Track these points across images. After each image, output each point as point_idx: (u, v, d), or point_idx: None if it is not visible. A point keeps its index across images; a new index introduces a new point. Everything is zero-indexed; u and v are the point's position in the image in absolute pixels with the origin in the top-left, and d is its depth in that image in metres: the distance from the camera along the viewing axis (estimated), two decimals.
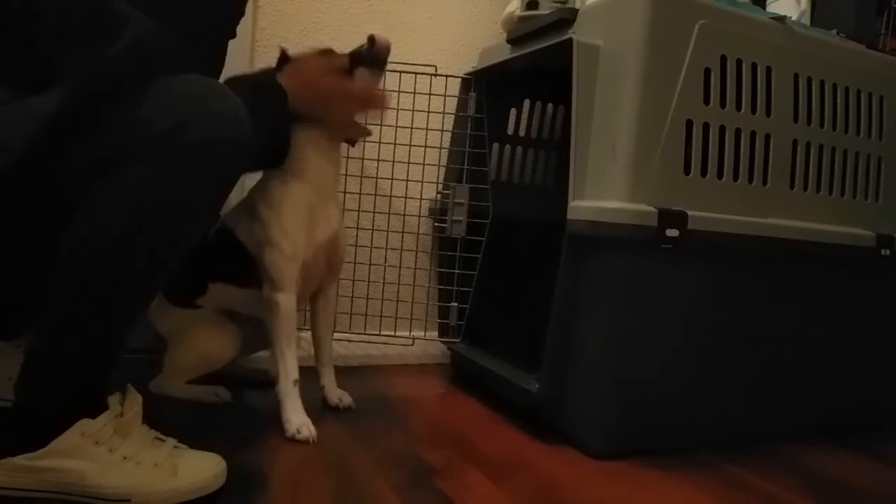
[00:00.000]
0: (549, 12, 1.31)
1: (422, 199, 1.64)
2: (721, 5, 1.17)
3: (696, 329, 1.18)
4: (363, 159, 1.60)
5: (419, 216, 1.67)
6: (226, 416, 1.19)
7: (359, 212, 1.58)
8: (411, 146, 1.60)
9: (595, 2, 1.22)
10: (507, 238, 1.56)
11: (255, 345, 1.33)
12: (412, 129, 1.59)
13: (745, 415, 1.26)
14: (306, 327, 1.31)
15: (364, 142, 1.57)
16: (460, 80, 1.61)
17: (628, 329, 1.12)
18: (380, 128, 1.57)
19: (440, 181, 1.66)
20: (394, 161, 1.59)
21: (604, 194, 1.12)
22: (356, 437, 1.12)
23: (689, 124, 1.14)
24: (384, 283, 1.63)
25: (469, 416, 1.31)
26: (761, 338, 1.26)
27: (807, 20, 1.44)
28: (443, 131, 1.62)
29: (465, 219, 1.54)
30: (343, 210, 1.33)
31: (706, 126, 1.15)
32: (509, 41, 1.44)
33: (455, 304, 1.56)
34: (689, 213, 1.10)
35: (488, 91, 1.58)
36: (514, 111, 1.64)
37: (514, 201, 1.60)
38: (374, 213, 1.60)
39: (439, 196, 1.64)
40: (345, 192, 1.56)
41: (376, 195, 1.61)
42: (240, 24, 1.03)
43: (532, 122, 1.66)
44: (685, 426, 1.20)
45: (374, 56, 1.14)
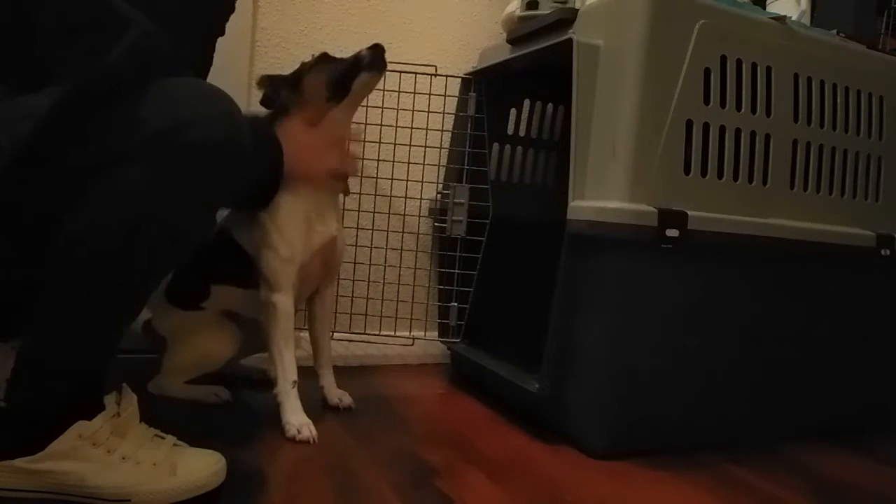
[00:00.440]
0: (549, 12, 1.31)
1: (422, 199, 1.64)
2: (721, 5, 1.17)
3: (696, 329, 1.18)
4: (363, 159, 1.60)
5: (419, 216, 1.67)
6: (225, 416, 1.19)
7: (359, 212, 1.58)
8: (411, 146, 1.60)
9: (595, 2, 1.22)
10: (507, 238, 1.56)
11: (255, 345, 1.33)
12: (412, 129, 1.59)
13: (745, 415, 1.26)
14: (305, 327, 1.31)
15: (364, 142, 1.57)
16: (460, 80, 1.61)
17: (628, 329, 1.12)
18: (380, 128, 1.57)
19: (440, 181, 1.66)
20: (394, 161, 1.59)
21: (604, 194, 1.12)
22: (356, 437, 1.12)
23: (689, 124, 1.14)
24: (384, 283, 1.62)
25: (469, 416, 1.31)
26: (761, 338, 1.26)
27: (807, 20, 1.44)
28: (443, 131, 1.62)
29: (465, 219, 1.54)
30: (342, 212, 1.33)
31: (706, 126, 1.15)
32: (509, 41, 1.44)
33: (455, 304, 1.56)
34: (689, 213, 1.10)
35: (488, 91, 1.58)
36: (514, 111, 1.64)
37: (514, 201, 1.60)
38: (374, 213, 1.60)
39: (439, 196, 1.64)
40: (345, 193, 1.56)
41: (376, 195, 1.61)
42: (240, 24, 1.04)
43: (532, 122, 1.66)
44: (685, 426, 1.20)
45: (374, 61, 1.14)
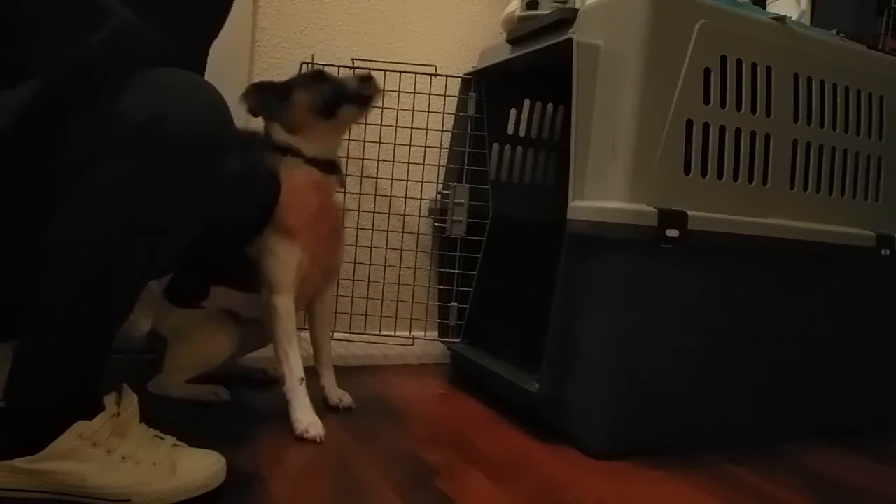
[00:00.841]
0: (549, 12, 1.31)
1: (422, 199, 1.64)
2: (721, 5, 1.17)
3: (696, 329, 1.18)
4: (363, 159, 1.60)
5: (419, 216, 1.67)
6: (225, 416, 1.19)
7: (359, 212, 1.58)
8: (411, 146, 1.60)
9: (595, 2, 1.22)
10: (507, 238, 1.56)
11: (255, 343, 1.33)
12: (412, 129, 1.59)
13: (745, 415, 1.26)
14: (305, 327, 1.31)
15: (364, 142, 1.57)
16: (460, 80, 1.61)
17: (628, 329, 1.12)
18: (380, 128, 1.57)
19: (440, 181, 1.66)
20: (394, 161, 1.59)
21: (604, 194, 1.12)
22: (356, 437, 1.12)
23: (689, 124, 1.14)
24: (384, 283, 1.62)
25: (469, 416, 1.31)
26: (761, 337, 1.26)
27: (807, 20, 1.44)
28: (443, 131, 1.62)
29: (465, 219, 1.54)
30: (343, 213, 1.33)
31: (706, 126, 1.15)
32: (509, 41, 1.44)
33: (455, 304, 1.56)
34: (689, 213, 1.10)
35: (488, 91, 1.58)
36: (514, 111, 1.64)
37: (514, 201, 1.60)
38: (374, 213, 1.60)
39: (439, 196, 1.64)
40: (345, 192, 1.56)
41: (376, 195, 1.61)
42: (240, 24, 1.03)
43: (532, 122, 1.66)
44: (685, 426, 1.20)
45: (361, 95, 1.14)
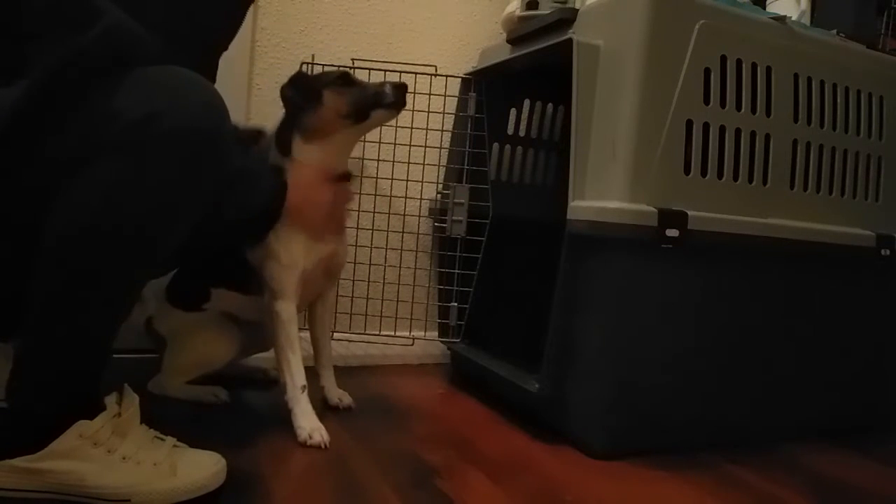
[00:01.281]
0: (549, 12, 1.31)
1: (422, 199, 1.64)
2: (721, 5, 1.17)
3: (696, 329, 1.18)
4: (363, 159, 1.60)
5: (419, 216, 1.67)
6: (225, 417, 1.19)
7: (359, 212, 1.58)
8: (411, 146, 1.60)
9: (595, 2, 1.22)
10: (507, 238, 1.56)
11: (256, 346, 1.33)
12: (412, 129, 1.59)
13: (745, 415, 1.26)
14: (305, 327, 1.31)
15: (364, 142, 1.57)
16: (460, 80, 1.61)
17: (628, 329, 1.12)
18: (380, 128, 1.57)
19: (440, 181, 1.66)
20: (394, 161, 1.59)
21: (604, 194, 1.12)
22: (356, 437, 1.12)
23: (689, 124, 1.14)
24: (384, 283, 1.62)
25: (469, 416, 1.31)
26: (761, 337, 1.26)
27: (807, 20, 1.44)
28: (443, 131, 1.62)
29: (465, 219, 1.54)
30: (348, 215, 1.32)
31: (706, 126, 1.15)
32: (509, 41, 1.44)
33: (455, 304, 1.56)
34: (689, 213, 1.10)
35: (488, 91, 1.58)
36: (514, 111, 1.64)
37: (514, 201, 1.60)
38: (374, 213, 1.60)
39: (439, 196, 1.64)
40: None
41: (376, 195, 1.61)
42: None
43: (532, 122, 1.66)
44: (685, 426, 1.20)
45: (395, 100, 1.12)
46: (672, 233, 1.09)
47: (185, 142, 0.74)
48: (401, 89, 1.12)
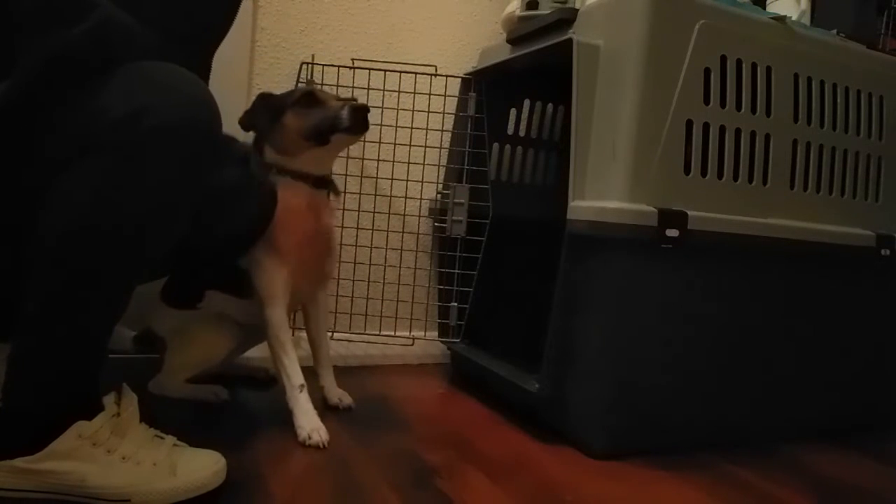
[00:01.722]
0: (549, 12, 1.31)
1: (422, 199, 1.64)
2: (721, 5, 1.17)
3: (696, 329, 1.18)
4: (363, 159, 1.60)
5: (419, 216, 1.67)
6: (225, 416, 1.19)
7: (359, 212, 1.58)
8: (411, 146, 1.60)
9: (595, 2, 1.22)
10: (507, 238, 1.56)
11: (253, 342, 1.33)
12: (412, 129, 1.59)
13: (745, 415, 1.26)
14: (300, 327, 1.30)
15: (364, 142, 1.57)
16: (460, 80, 1.61)
17: (628, 329, 1.12)
18: (380, 128, 1.57)
19: (440, 181, 1.66)
20: (394, 161, 1.59)
21: (604, 194, 1.12)
22: (356, 437, 1.12)
23: (689, 124, 1.14)
24: (384, 283, 1.62)
25: (469, 416, 1.31)
26: (761, 337, 1.26)
27: (807, 20, 1.44)
28: (443, 131, 1.62)
29: (465, 219, 1.54)
30: (334, 218, 1.31)
31: (706, 126, 1.15)
32: (509, 41, 1.44)
33: (455, 304, 1.56)
34: (689, 213, 1.10)
35: (488, 91, 1.58)
36: (514, 111, 1.64)
37: (514, 201, 1.60)
38: (374, 213, 1.59)
39: (439, 196, 1.64)
40: (345, 192, 1.56)
41: (376, 195, 1.61)
42: (240, 24, 1.03)
43: (532, 122, 1.66)
44: (685, 426, 1.20)
45: (354, 125, 1.11)
46: (672, 233, 1.09)
47: (175, 137, 0.73)
48: (359, 112, 1.10)
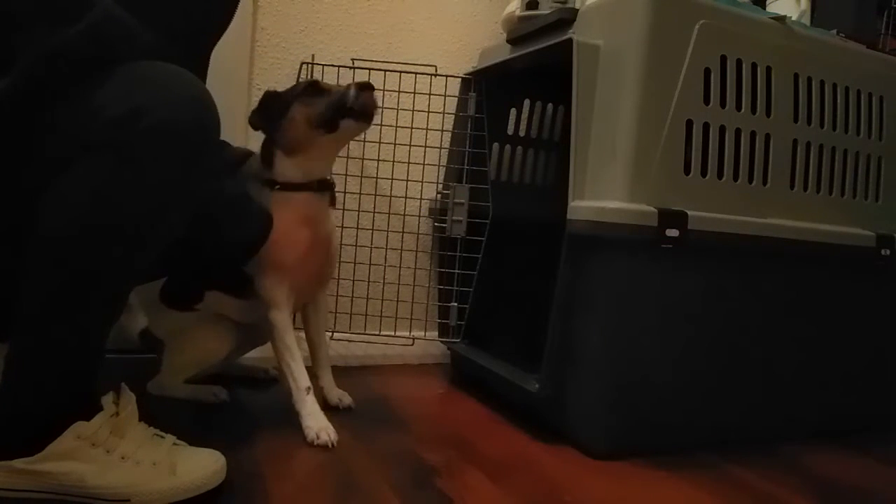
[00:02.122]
0: (549, 12, 1.31)
1: (422, 199, 1.64)
2: (721, 5, 1.17)
3: (696, 329, 1.18)
4: (363, 159, 1.60)
5: (419, 216, 1.67)
6: (225, 416, 1.19)
7: (359, 212, 1.58)
8: (411, 146, 1.60)
9: (595, 2, 1.22)
10: (507, 238, 1.56)
11: (252, 343, 1.33)
12: (412, 129, 1.59)
13: (745, 415, 1.26)
14: (299, 327, 1.30)
15: (364, 142, 1.57)
16: (460, 80, 1.61)
17: (628, 329, 1.12)
18: (380, 128, 1.57)
19: (440, 181, 1.65)
20: (394, 161, 1.59)
21: (604, 194, 1.12)
22: (356, 437, 1.12)
23: (689, 124, 1.14)
24: (384, 283, 1.62)
25: (469, 416, 1.31)
26: (761, 337, 1.25)
27: (807, 20, 1.44)
28: (443, 131, 1.62)
29: (465, 219, 1.54)
30: (333, 227, 1.30)
31: (706, 126, 1.15)
32: (509, 41, 1.44)
33: (455, 304, 1.56)
34: (689, 213, 1.10)
35: (488, 91, 1.58)
36: (514, 111, 1.64)
37: (514, 201, 1.60)
38: (374, 213, 1.59)
39: (439, 196, 1.63)
40: (345, 192, 1.56)
41: (376, 195, 1.61)
42: (240, 24, 1.02)
43: (532, 122, 1.66)
44: (685, 426, 1.20)
45: (362, 109, 1.10)
46: (672, 233, 1.09)
47: (173, 137, 0.73)
48: (365, 88, 1.09)
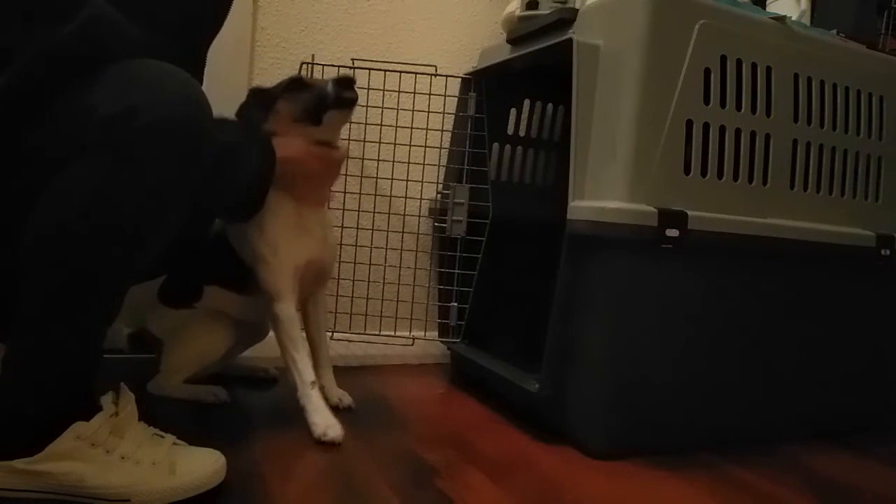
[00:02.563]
0: (549, 12, 1.31)
1: (422, 199, 1.64)
2: (721, 5, 1.17)
3: (696, 329, 1.18)
4: (363, 159, 1.60)
5: (419, 216, 1.67)
6: (224, 416, 1.18)
7: (359, 212, 1.58)
8: (411, 146, 1.60)
9: (595, 2, 1.22)
10: (507, 238, 1.56)
11: (250, 340, 1.33)
12: (412, 129, 1.59)
13: (745, 415, 1.26)
14: (302, 327, 1.30)
15: (364, 142, 1.57)
16: (460, 80, 1.61)
17: (628, 329, 1.12)
18: (380, 128, 1.57)
19: (440, 181, 1.66)
20: (394, 161, 1.59)
21: (604, 194, 1.12)
22: (356, 437, 1.11)
23: (689, 124, 1.14)
24: (384, 283, 1.62)
25: (469, 416, 1.31)
26: (761, 337, 1.26)
27: (807, 20, 1.44)
28: (443, 131, 1.62)
29: (465, 219, 1.54)
30: (329, 221, 1.29)
31: (706, 126, 1.15)
32: (509, 41, 1.44)
33: (455, 304, 1.56)
34: (689, 213, 1.10)
35: (488, 91, 1.58)
36: (514, 111, 1.64)
37: (514, 201, 1.60)
38: (374, 213, 1.59)
39: (439, 196, 1.63)
40: (345, 192, 1.56)
41: (376, 195, 1.61)
42: (240, 24, 1.02)
43: (532, 122, 1.66)
44: (685, 426, 1.20)
45: (341, 98, 1.11)
46: (672, 233, 1.09)
47: (166, 136, 0.73)
48: (343, 82, 1.10)
